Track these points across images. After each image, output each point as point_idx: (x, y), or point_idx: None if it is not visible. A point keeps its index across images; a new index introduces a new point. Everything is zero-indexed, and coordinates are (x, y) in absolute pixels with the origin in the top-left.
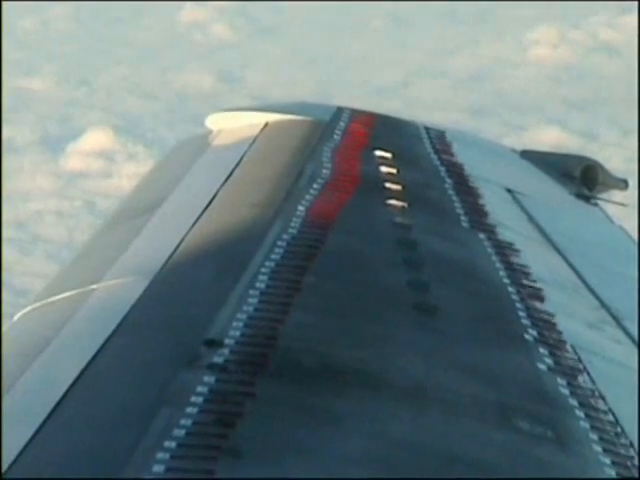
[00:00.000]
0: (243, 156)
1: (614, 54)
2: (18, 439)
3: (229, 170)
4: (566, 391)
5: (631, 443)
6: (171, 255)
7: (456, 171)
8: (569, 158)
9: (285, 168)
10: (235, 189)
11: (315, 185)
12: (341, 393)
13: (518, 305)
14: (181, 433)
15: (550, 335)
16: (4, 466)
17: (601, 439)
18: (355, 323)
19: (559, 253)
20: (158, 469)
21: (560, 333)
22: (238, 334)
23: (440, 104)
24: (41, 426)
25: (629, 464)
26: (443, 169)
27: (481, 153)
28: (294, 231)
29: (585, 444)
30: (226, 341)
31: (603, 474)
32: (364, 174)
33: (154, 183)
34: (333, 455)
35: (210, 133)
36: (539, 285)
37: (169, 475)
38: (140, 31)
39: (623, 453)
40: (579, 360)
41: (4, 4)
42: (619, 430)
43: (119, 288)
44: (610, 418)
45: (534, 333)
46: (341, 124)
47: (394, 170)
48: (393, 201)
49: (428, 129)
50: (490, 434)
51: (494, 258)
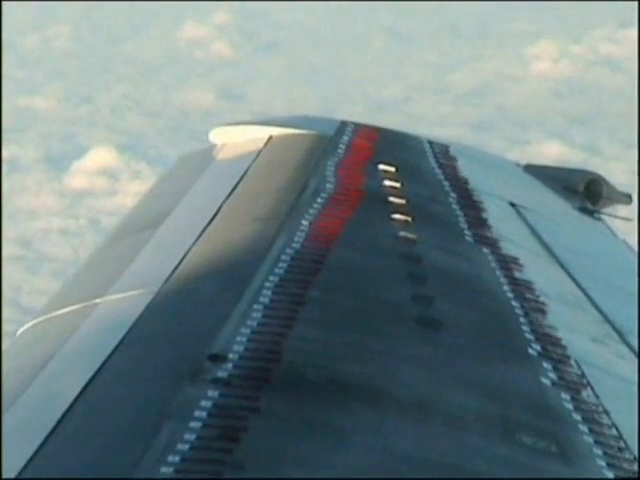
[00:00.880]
0: (247, 170)
1: (615, 68)
2: (21, 454)
3: (233, 184)
4: (570, 406)
5: (635, 458)
6: (175, 269)
7: (460, 185)
8: (573, 172)
9: (289, 182)
10: (239, 203)
11: (319, 199)
12: (345, 407)
13: (522, 319)
14: (185, 448)
15: (554, 350)
16: None
17: (605, 454)
18: (359, 337)
19: (563, 267)
20: None
21: (564, 348)
22: (242, 349)
23: (442, 119)
24: (45, 441)
25: (633, 478)
26: (447, 183)
27: (485, 167)
28: (298, 245)
29: (589, 459)
30: (230, 356)
31: None
32: (368, 188)
33: (158, 197)
34: (337, 469)
35: (214, 147)
36: (543, 299)
37: None
38: (140, 49)
39: (627, 467)
40: (583, 375)
41: (5, 22)
42: (623, 445)
43: (123, 302)
44: (614, 433)
45: (538, 348)
46: (345, 138)
47: (398, 184)
48: (397, 215)
49: (432, 143)
50: (494, 449)
51: (498, 272)
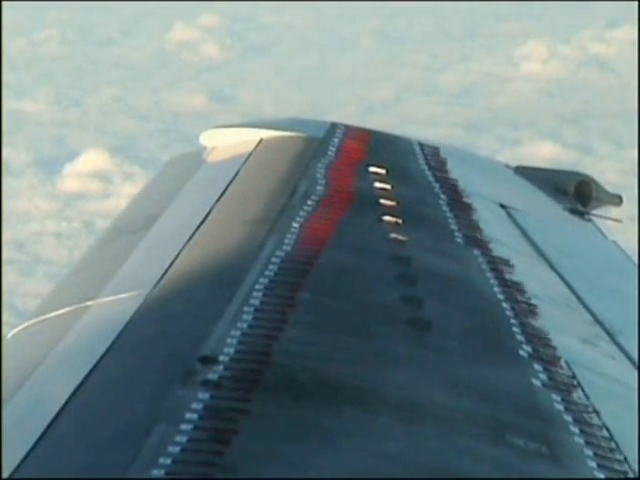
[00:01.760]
0: (237, 173)
1: (604, 68)
2: (12, 457)
3: (223, 187)
4: (560, 407)
5: (626, 458)
6: (166, 272)
7: (450, 187)
8: (563, 174)
9: (279, 184)
10: (229, 206)
11: (309, 201)
12: (335, 409)
13: (512, 321)
14: (176, 450)
15: (544, 351)
16: None
17: (596, 455)
18: (349, 339)
19: (553, 269)
20: None
21: (554, 349)
22: (233, 351)
23: (433, 120)
24: (36, 443)
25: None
26: (437, 185)
27: (475, 169)
28: (288, 248)
29: (579, 460)
30: (221, 358)
31: None
32: (358, 190)
33: (148, 200)
34: (327, 471)
35: (204, 149)
36: (533, 301)
37: None
38: (129, 52)
39: (617, 468)
40: (573, 376)
41: None
42: (613, 446)
43: (114, 305)
44: (604, 434)
45: (528, 349)
46: (335, 140)
47: (388, 186)
48: (387, 217)
49: (422, 145)
50: (484, 450)
51: (488, 274)
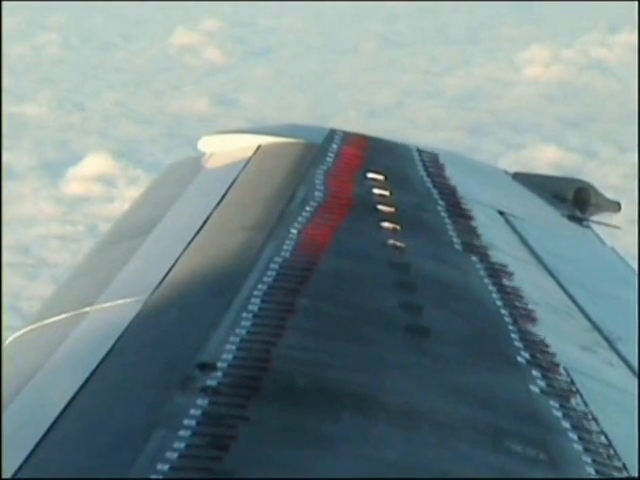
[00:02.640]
0: (236, 179)
1: (606, 72)
2: (11, 462)
3: (222, 193)
4: (559, 413)
5: (624, 465)
6: (164, 278)
7: (449, 193)
8: (562, 180)
9: (278, 191)
10: (228, 212)
11: (308, 207)
12: (334, 415)
13: (511, 327)
14: (174, 456)
15: (543, 357)
16: None
17: (594, 461)
18: (348, 345)
19: (551, 275)
20: None
21: (553, 355)
22: (231, 357)
23: (435, 124)
24: (34, 449)
25: None
26: (436, 191)
27: (474, 175)
28: (287, 254)
29: (578, 466)
30: (219, 364)
31: None
32: (357, 196)
33: (147, 206)
34: (326, 478)
35: (203, 156)
36: (532, 307)
37: None
38: (131, 56)
39: (616, 475)
40: (572, 382)
41: None
42: (612, 452)
43: (113, 311)
44: (603, 440)
45: (527, 355)
46: (333, 146)
47: (387, 192)
48: (386, 223)
49: (421, 151)
50: (483, 457)
51: (486, 280)
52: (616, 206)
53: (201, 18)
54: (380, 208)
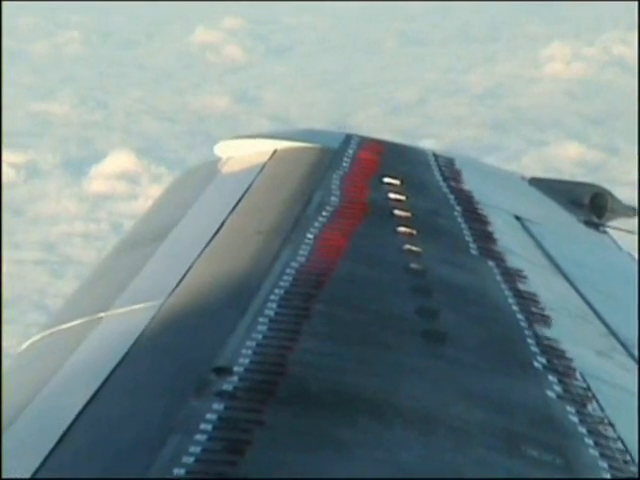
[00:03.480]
0: (252, 184)
1: (627, 69)
2: (27, 467)
3: (238, 198)
4: (575, 419)
5: None
6: (180, 283)
7: (465, 198)
8: (578, 185)
9: (294, 195)
10: (244, 217)
11: (324, 212)
12: (350, 420)
13: (527, 332)
14: (190, 460)
15: (559, 362)
16: None
17: (610, 467)
18: (364, 350)
19: (568, 280)
20: None
21: (569, 360)
22: (247, 362)
23: (458, 121)
24: (50, 454)
25: None
26: (452, 196)
27: (490, 180)
28: (303, 259)
29: (594, 472)
30: (235, 369)
31: None
32: (373, 201)
33: (162, 211)
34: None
35: (218, 161)
36: (548, 312)
37: None
38: (152, 54)
39: None
40: (588, 388)
41: (14, 28)
42: (628, 458)
43: (129, 315)
44: (619, 446)
45: (543, 361)
46: (350, 151)
47: (403, 197)
48: (402, 228)
49: (437, 156)
50: (499, 462)
51: (503, 285)
52: (633, 211)
53: (222, 16)
54: (396, 213)
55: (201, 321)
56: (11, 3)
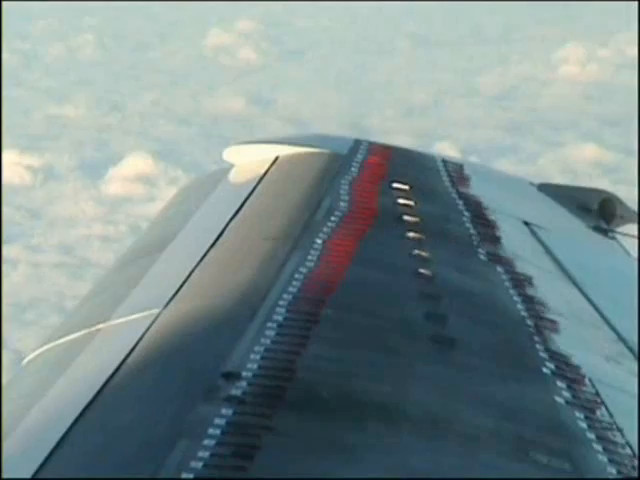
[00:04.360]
0: (260, 189)
1: None
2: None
3: (246, 204)
4: (584, 424)
5: None
6: (189, 288)
7: (473, 204)
8: (587, 191)
9: (302, 201)
10: (252, 222)
11: (333, 217)
12: (358, 425)
13: (536, 338)
14: (199, 465)
15: (568, 368)
16: None
17: (619, 472)
18: (373, 356)
19: (577, 286)
20: None
21: (577, 367)
22: (256, 367)
23: (473, 122)
24: (59, 457)
25: None
26: (461, 202)
27: (499, 186)
28: (311, 264)
29: (603, 477)
30: (244, 374)
31: None
32: (381, 207)
33: (168, 219)
34: None
35: (224, 169)
36: (557, 318)
37: None
38: (167, 56)
39: None
40: (597, 393)
41: (28, 32)
42: (637, 463)
43: (137, 321)
44: (628, 452)
45: (552, 366)
46: (358, 156)
47: (412, 203)
48: (411, 234)
49: (445, 162)
50: (508, 467)
51: (512, 291)
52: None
53: (236, 19)
54: (405, 218)
55: (210, 326)
56: (24, 7)
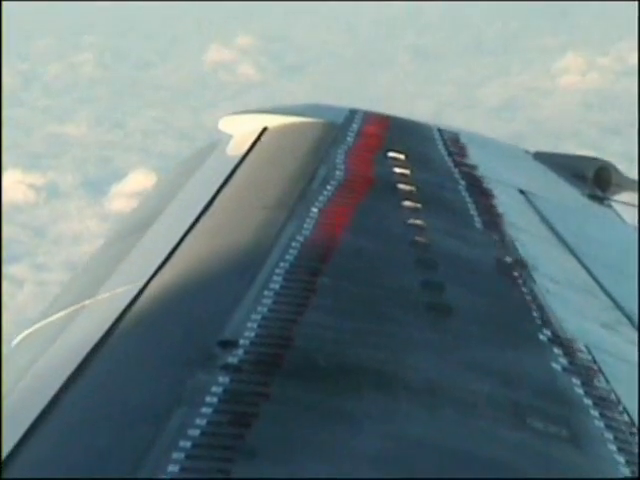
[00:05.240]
0: (255, 158)
1: None
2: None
3: (240, 173)
4: (580, 391)
5: None
6: (186, 256)
7: (469, 172)
8: (582, 160)
9: (298, 170)
10: (248, 191)
11: (328, 187)
12: (355, 393)
13: (532, 305)
14: (196, 433)
15: (564, 335)
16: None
17: (616, 438)
18: (369, 323)
19: (573, 254)
20: (173, 469)
21: (574, 333)
22: (253, 335)
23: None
24: (56, 425)
25: None
26: (456, 170)
27: (494, 155)
28: (308, 232)
29: (600, 443)
30: (241, 342)
31: (617, 473)
32: (377, 176)
33: (158, 195)
34: (347, 455)
35: (220, 139)
36: (553, 286)
37: (184, 475)
38: (167, 74)
39: (637, 452)
40: (593, 360)
41: (28, 51)
42: (634, 430)
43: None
44: (625, 418)
45: (548, 333)
46: (354, 126)
47: (407, 171)
48: (407, 202)
49: (442, 131)
50: (504, 434)
51: (507, 259)
52: (636, 185)
53: (235, 35)
54: (401, 187)
55: (207, 294)
56: (23, 27)
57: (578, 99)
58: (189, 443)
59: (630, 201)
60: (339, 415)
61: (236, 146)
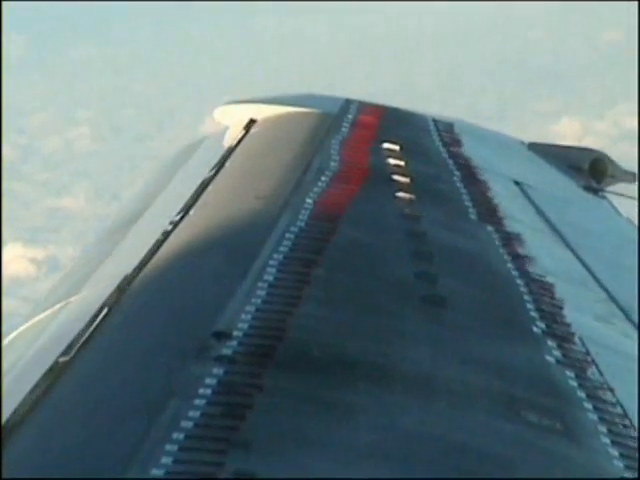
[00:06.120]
0: (250, 149)
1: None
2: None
3: (234, 163)
4: (574, 383)
5: None
6: (179, 247)
7: (464, 163)
8: (578, 151)
9: (293, 160)
10: (242, 181)
11: (323, 177)
12: (350, 385)
13: (526, 297)
14: (189, 425)
15: (558, 327)
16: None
17: (610, 431)
18: (363, 315)
19: (567, 245)
20: (166, 461)
21: (568, 326)
22: (246, 326)
23: None
24: (49, 417)
25: (638, 456)
26: (451, 161)
27: (489, 145)
28: (302, 223)
29: (593, 436)
30: (234, 333)
31: (611, 466)
32: (372, 166)
33: (151, 185)
34: (342, 447)
35: (215, 130)
36: (547, 277)
37: (177, 467)
38: (164, 146)
39: (631, 445)
40: (587, 352)
41: (25, 126)
42: (627, 422)
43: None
44: (618, 410)
45: (542, 326)
46: (349, 116)
47: (402, 162)
48: (401, 193)
49: (436, 121)
50: (498, 426)
51: (502, 250)
52: (632, 177)
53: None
54: (395, 178)
55: (200, 285)
56: (19, 103)
57: None
58: (182, 435)
59: (625, 192)
60: (333, 407)
61: (230, 136)
